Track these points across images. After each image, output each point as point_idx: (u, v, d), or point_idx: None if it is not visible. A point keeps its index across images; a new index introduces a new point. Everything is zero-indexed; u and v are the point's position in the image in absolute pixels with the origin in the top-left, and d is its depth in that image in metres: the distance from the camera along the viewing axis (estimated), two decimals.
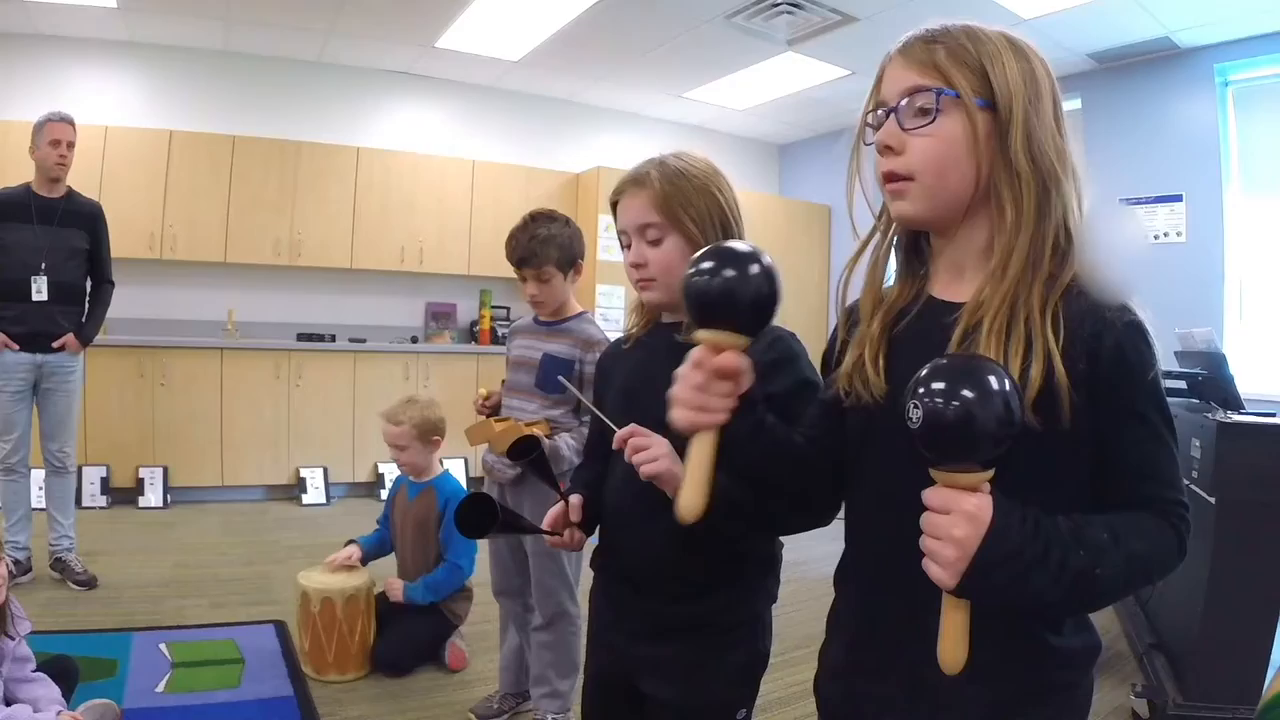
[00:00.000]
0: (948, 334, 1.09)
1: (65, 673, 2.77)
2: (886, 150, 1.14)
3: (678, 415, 1.12)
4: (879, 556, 1.16)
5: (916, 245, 1.25)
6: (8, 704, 2.43)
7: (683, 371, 1.13)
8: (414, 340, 7.54)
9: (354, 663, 3.42)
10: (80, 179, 4.67)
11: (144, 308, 6.64)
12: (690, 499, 1.10)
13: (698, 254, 1.15)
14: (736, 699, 1.64)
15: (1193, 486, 3.36)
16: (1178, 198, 6.19)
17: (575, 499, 1.65)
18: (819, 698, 1.32)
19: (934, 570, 0.94)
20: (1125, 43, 6.11)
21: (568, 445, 2.69)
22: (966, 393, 0.90)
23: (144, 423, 6.19)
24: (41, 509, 4.43)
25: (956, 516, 0.92)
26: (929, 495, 0.95)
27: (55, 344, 4.25)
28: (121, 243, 5.98)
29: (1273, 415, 3.47)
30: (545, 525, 1.66)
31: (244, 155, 6.74)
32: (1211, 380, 3.84)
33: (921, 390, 0.92)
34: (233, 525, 5.78)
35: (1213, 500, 3.11)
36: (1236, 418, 3.24)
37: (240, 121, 6.96)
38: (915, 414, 0.92)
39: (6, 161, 5.81)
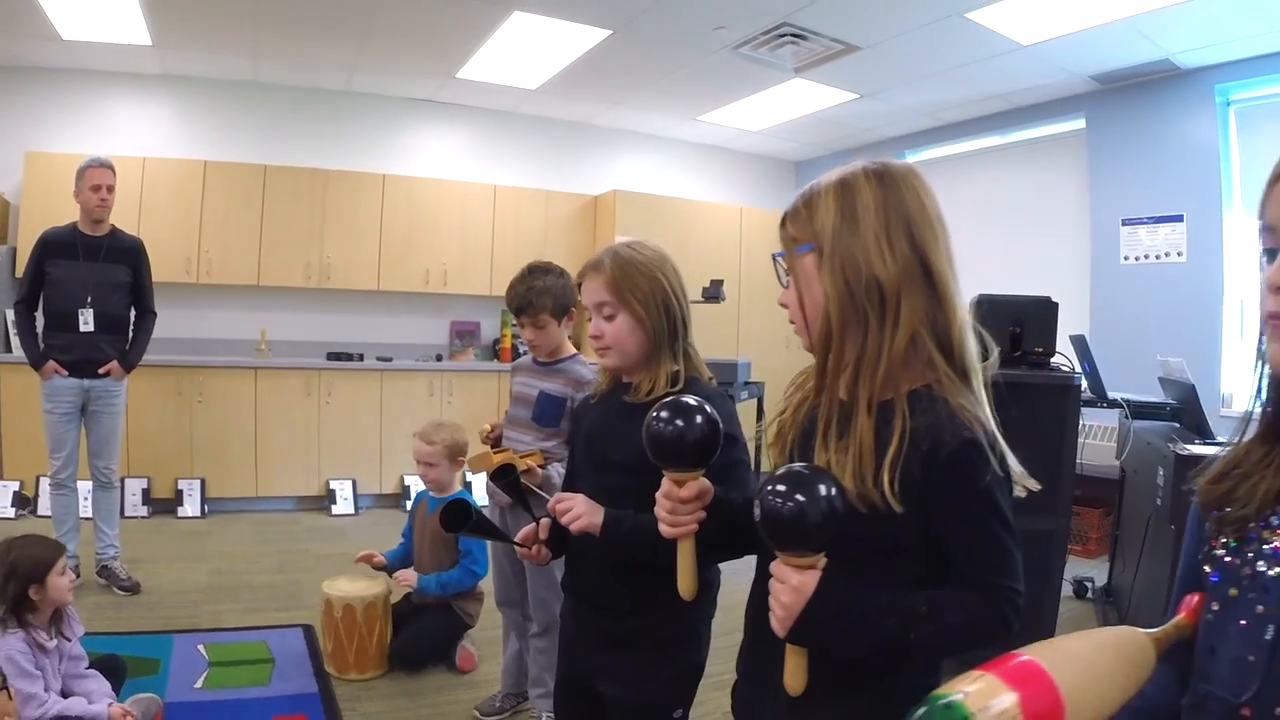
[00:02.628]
0: None
1: (114, 670, 3.11)
2: (784, 307, 1.44)
3: (663, 530, 1.48)
4: (761, 594, 1.39)
5: None
6: (65, 697, 2.76)
7: (659, 498, 1.48)
8: (439, 358, 7.87)
9: (372, 663, 3.74)
10: (119, 209, 5.03)
11: (181, 329, 7.00)
12: (685, 586, 1.52)
13: (657, 405, 1.47)
14: (674, 700, 1.94)
15: (1158, 516, 3.61)
16: (1179, 217, 6.27)
17: (545, 522, 1.96)
18: (733, 698, 1.59)
19: (772, 622, 1.24)
20: (1126, 64, 6.21)
21: (559, 474, 2.96)
22: (799, 497, 1.16)
23: (182, 437, 6.55)
24: (88, 519, 4.79)
25: (786, 588, 1.20)
26: (772, 567, 1.24)
27: (101, 370, 4.61)
28: (159, 267, 6.34)
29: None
30: (518, 539, 1.97)
31: (275, 183, 7.11)
32: (1181, 409, 4.08)
33: (766, 490, 1.19)
34: (266, 534, 6.11)
35: (1173, 527, 3.35)
36: (1192, 449, 3.48)
37: (271, 151, 7.32)
38: (757, 510, 1.20)
39: (51, 191, 6.24)
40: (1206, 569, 1.05)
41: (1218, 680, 0.98)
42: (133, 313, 4.84)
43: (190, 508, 6.45)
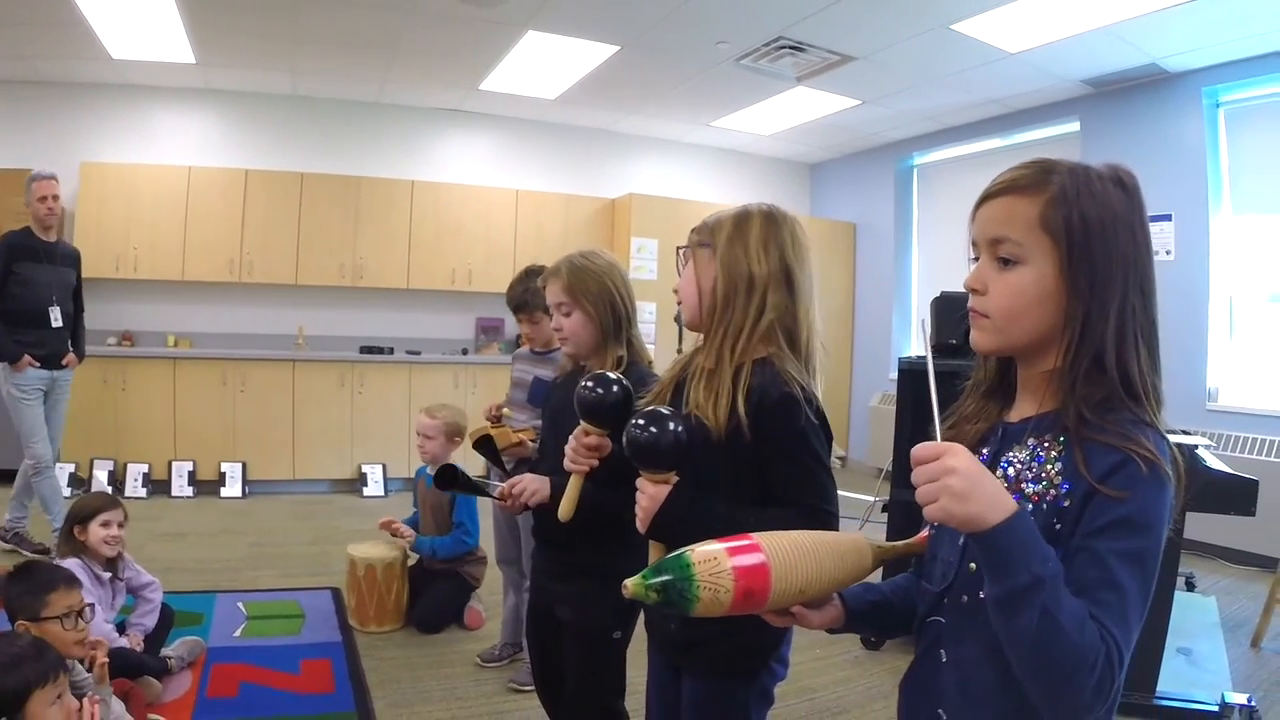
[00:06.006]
0: None
1: (162, 617, 3.62)
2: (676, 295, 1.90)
3: (566, 464, 1.95)
4: None
5: None
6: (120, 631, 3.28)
7: (570, 438, 1.95)
8: (464, 352, 8.35)
9: (390, 617, 4.23)
10: (167, 213, 5.49)
11: (225, 324, 7.65)
12: (565, 509, 1.97)
13: (586, 375, 1.95)
14: (615, 624, 2.37)
15: None
16: (1167, 217, 6.42)
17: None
18: (644, 611, 2.01)
19: (637, 522, 1.67)
20: (1115, 69, 6.46)
21: None
22: (653, 429, 1.60)
23: (226, 424, 7.10)
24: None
25: (644, 496, 1.64)
26: (638, 481, 1.67)
27: (64, 361, 5.17)
28: (205, 267, 7.02)
29: (1187, 434, 4.01)
30: (496, 495, 2.43)
31: (312, 190, 7.65)
32: None
33: (630, 423, 1.63)
34: (302, 513, 6.62)
35: None
36: None
37: (308, 160, 7.88)
38: (624, 438, 1.64)
39: (105, 199, 6.94)
40: None
41: (932, 578, 1.33)
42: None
43: (232, 488, 6.99)
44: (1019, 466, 1.18)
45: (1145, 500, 1.06)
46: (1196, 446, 3.78)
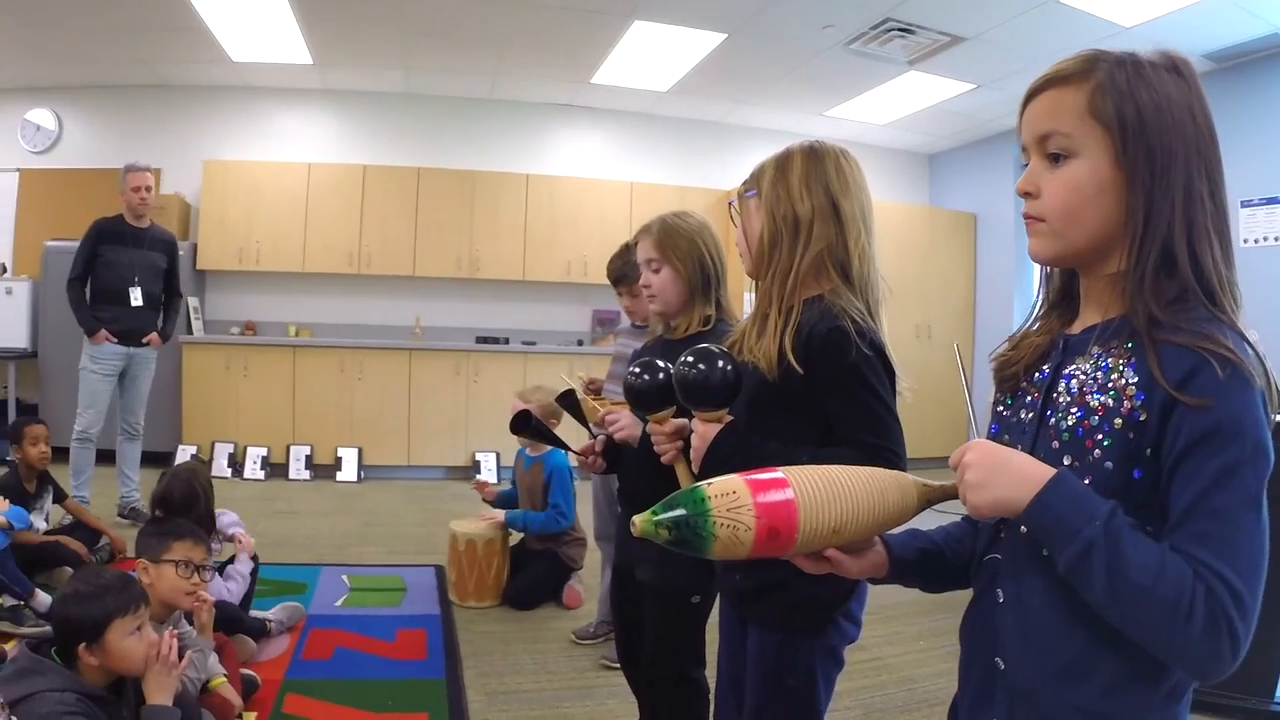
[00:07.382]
0: None
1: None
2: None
3: (663, 459, 1.85)
4: None
5: None
6: None
7: (650, 434, 1.89)
8: (580, 343, 8.45)
9: (489, 593, 4.31)
10: (288, 209, 5.69)
11: (344, 314, 7.93)
12: None
13: (632, 363, 1.90)
14: (694, 586, 2.36)
15: None
16: None
17: (601, 438, 2.41)
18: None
19: (690, 465, 1.68)
20: (1236, 42, 6.13)
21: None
22: (702, 366, 1.58)
23: (343, 410, 7.35)
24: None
25: (696, 435, 1.64)
26: (692, 422, 1.66)
27: (144, 340, 5.39)
28: (325, 260, 7.24)
29: None
30: (578, 451, 2.49)
31: (428, 184, 7.87)
32: None
33: (680, 361, 1.61)
34: (414, 497, 6.79)
35: None
36: None
37: (423, 155, 8.10)
38: (674, 378, 1.62)
39: (227, 194, 7.27)
40: (991, 423, 1.32)
41: None
42: (164, 294, 5.59)
43: (348, 472, 7.22)
44: (1082, 378, 1.10)
45: (1231, 404, 0.96)
46: None
